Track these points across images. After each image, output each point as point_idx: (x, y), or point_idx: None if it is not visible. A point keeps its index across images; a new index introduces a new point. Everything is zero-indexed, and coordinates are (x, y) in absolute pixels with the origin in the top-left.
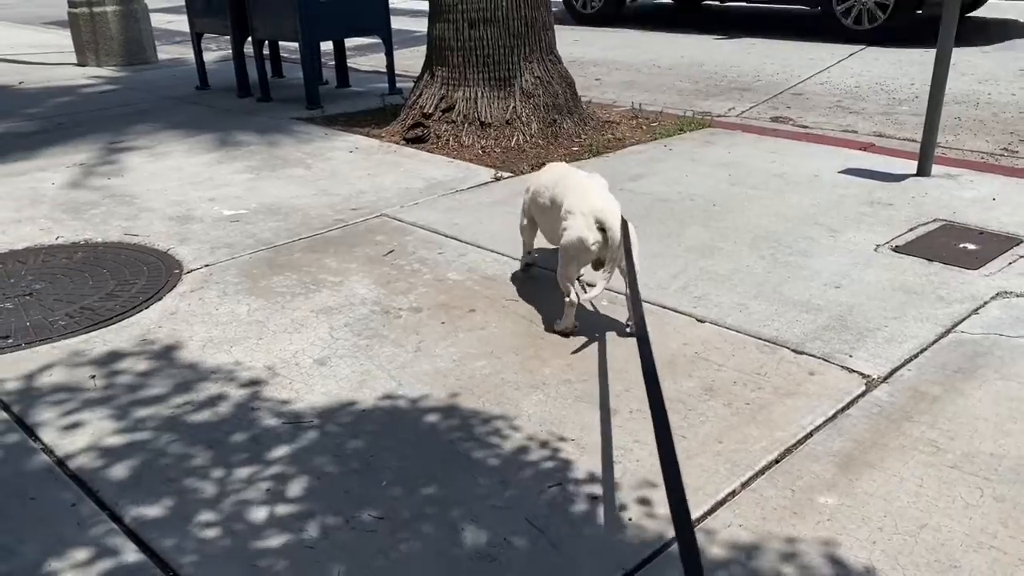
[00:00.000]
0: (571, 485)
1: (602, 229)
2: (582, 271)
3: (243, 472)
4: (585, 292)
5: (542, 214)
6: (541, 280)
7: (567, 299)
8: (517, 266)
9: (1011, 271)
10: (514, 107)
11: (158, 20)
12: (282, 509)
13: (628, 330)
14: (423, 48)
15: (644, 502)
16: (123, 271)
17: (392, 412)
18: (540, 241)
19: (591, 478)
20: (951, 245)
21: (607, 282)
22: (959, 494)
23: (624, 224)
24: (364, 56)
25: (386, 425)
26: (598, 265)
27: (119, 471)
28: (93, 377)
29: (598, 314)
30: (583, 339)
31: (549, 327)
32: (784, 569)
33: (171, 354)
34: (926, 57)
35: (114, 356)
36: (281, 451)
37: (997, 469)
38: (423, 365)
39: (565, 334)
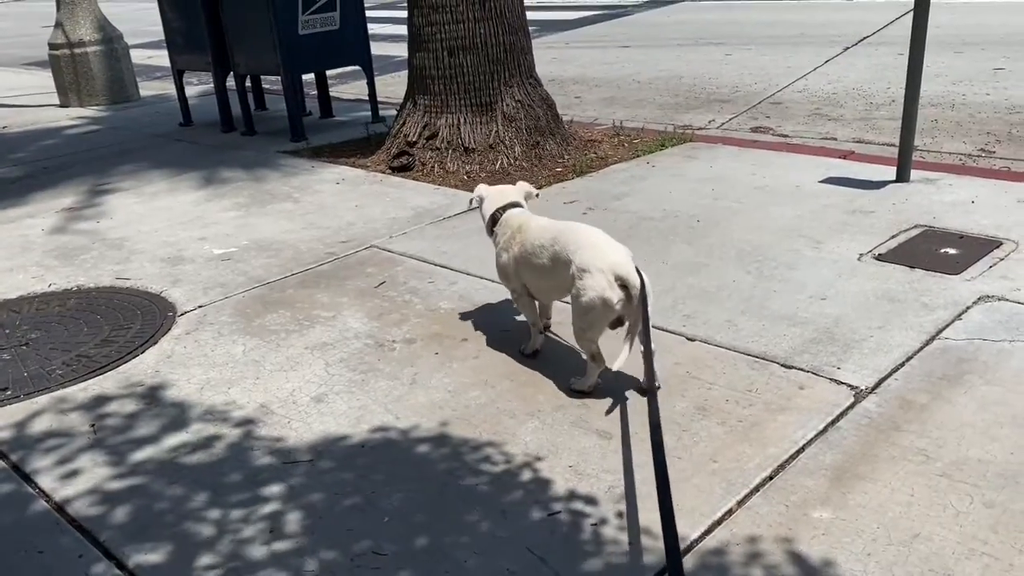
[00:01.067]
0: (571, 512)
1: (623, 286)
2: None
3: (243, 513)
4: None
5: (540, 275)
6: None
7: (591, 362)
8: (507, 295)
9: (992, 275)
10: (497, 131)
11: (138, 56)
12: (283, 547)
13: (645, 385)
14: (404, 73)
15: (645, 528)
16: (117, 316)
17: (390, 446)
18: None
19: (591, 504)
20: (933, 251)
21: (631, 341)
22: (950, 502)
23: (641, 278)
24: (346, 84)
25: (385, 460)
26: (616, 324)
27: (120, 517)
28: (93, 426)
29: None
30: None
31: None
32: None
33: (168, 398)
34: (901, 61)
35: (112, 403)
36: (280, 490)
37: (986, 475)
38: (419, 397)
39: (586, 394)
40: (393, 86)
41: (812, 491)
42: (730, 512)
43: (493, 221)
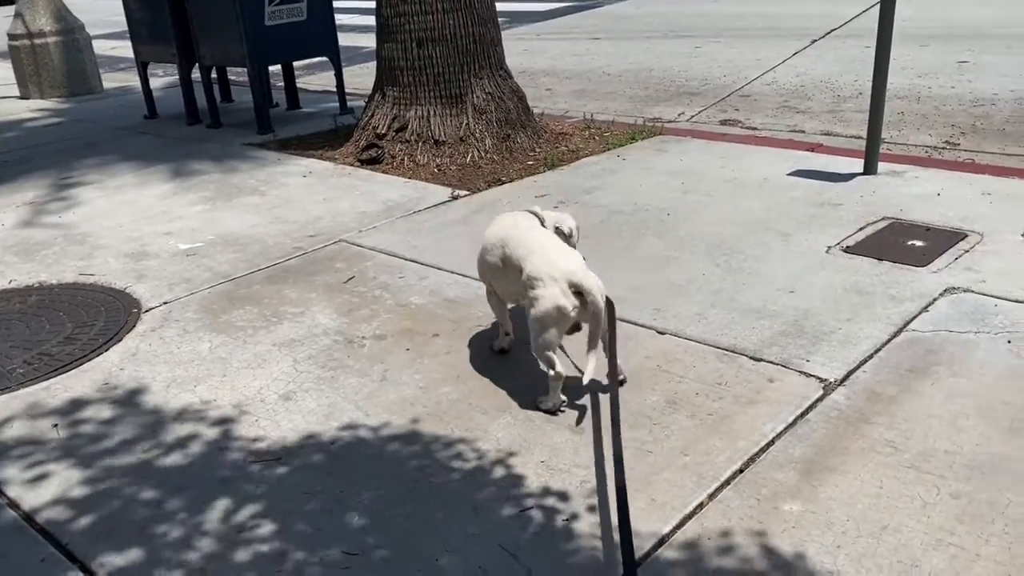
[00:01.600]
0: (543, 508)
1: (578, 293)
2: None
3: (209, 514)
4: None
5: (495, 274)
6: None
7: (551, 373)
8: (480, 289)
9: (957, 266)
10: (467, 124)
11: (101, 47)
12: (251, 549)
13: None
14: (373, 64)
15: (616, 522)
16: (80, 313)
17: (360, 444)
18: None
19: (563, 499)
20: (900, 243)
21: (596, 349)
22: (917, 493)
23: (607, 300)
24: (314, 75)
25: (355, 458)
26: (573, 330)
27: (87, 522)
28: (56, 426)
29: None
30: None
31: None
32: None
33: (134, 397)
34: (868, 53)
35: (76, 403)
36: (250, 491)
37: (952, 466)
38: (389, 394)
39: (553, 412)
40: (362, 77)
41: (782, 484)
42: (701, 506)
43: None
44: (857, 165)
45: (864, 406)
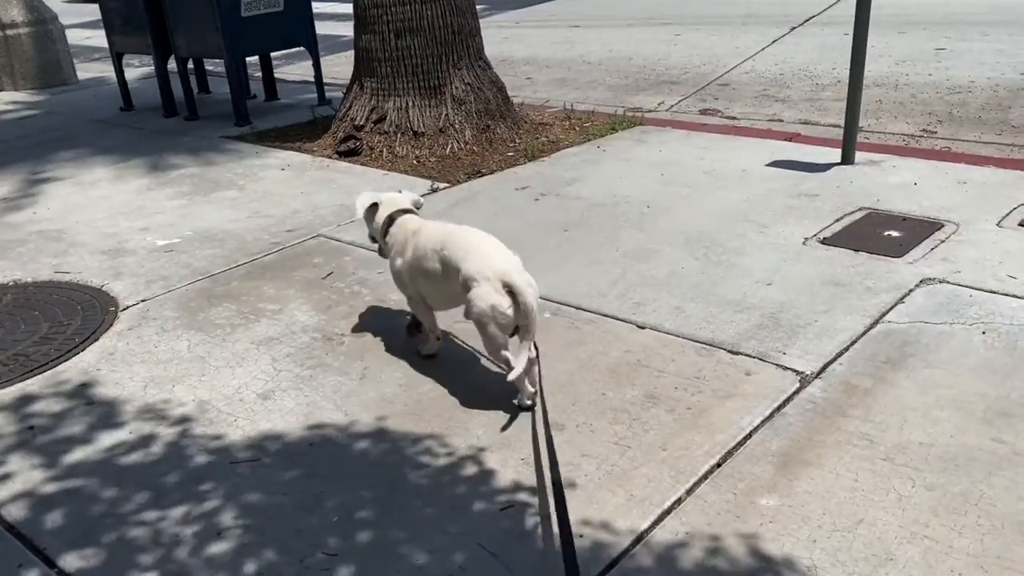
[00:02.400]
0: (521, 505)
1: (511, 293)
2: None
3: (187, 515)
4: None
5: (432, 282)
6: None
7: (511, 377)
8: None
9: (933, 256)
10: (446, 115)
11: (75, 36)
12: (229, 550)
13: (528, 403)
14: (351, 53)
15: (595, 519)
16: (56, 312)
17: (339, 443)
18: None
19: (542, 496)
20: (876, 233)
21: (527, 349)
22: (892, 486)
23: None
24: (292, 64)
25: (334, 457)
26: (515, 332)
27: (57, 522)
28: (32, 428)
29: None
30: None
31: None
32: (730, 574)
33: (111, 397)
34: (846, 41)
35: (53, 404)
36: (226, 490)
37: (927, 458)
38: (369, 393)
39: (529, 409)
40: (340, 66)
41: (759, 478)
42: (679, 501)
43: (389, 223)
44: (835, 155)
45: (840, 399)
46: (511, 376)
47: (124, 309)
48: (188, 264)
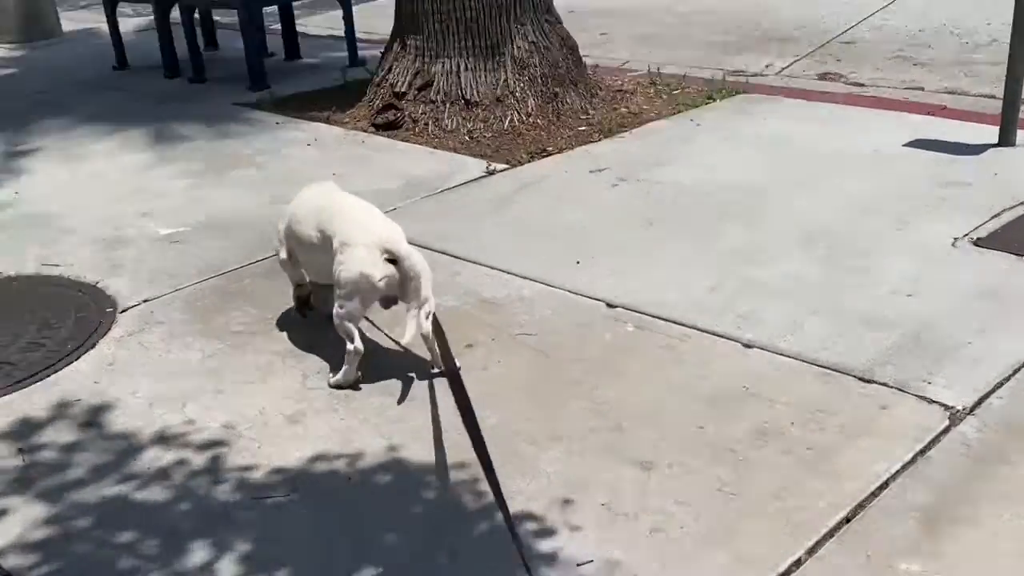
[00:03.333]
0: (600, 561)
1: (392, 261)
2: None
3: (205, 561)
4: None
5: (306, 248)
6: (561, 303)
7: (349, 347)
8: (524, 288)
9: None
10: (505, 80)
11: None
12: None
13: (434, 370)
14: (390, 3)
15: None
16: (45, 312)
17: (382, 477)
18: None
19: (616, 546)
20: None
21: (418, 317)
22: None
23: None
24: (317, 15)
25: (376, 494)
26: (388, 303)
27: (51, 568)
28: (21, 450)
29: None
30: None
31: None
32: None
33: (111, 417)
34: None
35: (43, 424)
36: (251, 533)
37: None
38: (416, 418)
39: (345, 388)
40: (376, 19)
41: (898, 537)
42: (799, 563)
43: None
44: (991, 134)
45: (1000, 440)
46: (405, 339)
47: (124, 310)
48: (198, 257)
